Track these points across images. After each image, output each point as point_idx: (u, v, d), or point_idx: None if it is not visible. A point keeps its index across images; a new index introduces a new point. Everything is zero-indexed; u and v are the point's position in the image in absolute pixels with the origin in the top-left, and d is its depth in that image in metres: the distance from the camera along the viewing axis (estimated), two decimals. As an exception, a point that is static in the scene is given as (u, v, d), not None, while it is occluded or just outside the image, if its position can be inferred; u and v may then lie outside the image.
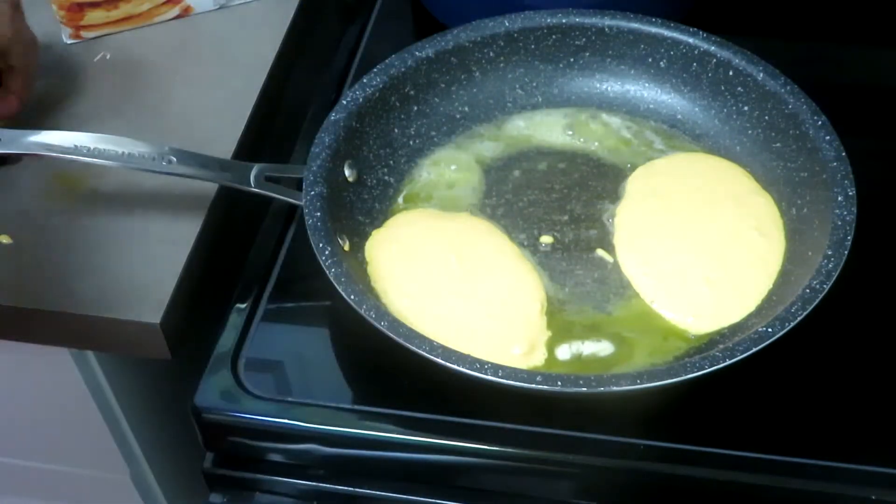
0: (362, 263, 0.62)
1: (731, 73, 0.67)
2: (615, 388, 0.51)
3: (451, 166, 0.68)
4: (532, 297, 0.60)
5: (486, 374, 0.52)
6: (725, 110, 0.68)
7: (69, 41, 0.78)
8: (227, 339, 0.61)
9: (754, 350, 0.52)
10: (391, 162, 0.68)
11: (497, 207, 0.66)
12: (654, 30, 0.69)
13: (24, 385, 0.73)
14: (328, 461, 0.60)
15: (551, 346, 0.58)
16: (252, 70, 0.75)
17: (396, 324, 0.54)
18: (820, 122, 0.63)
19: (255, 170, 0.63)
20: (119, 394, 0.74)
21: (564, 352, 0.58)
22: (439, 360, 0.52)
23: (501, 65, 0.71)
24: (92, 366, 0.71)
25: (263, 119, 0.74)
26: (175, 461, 0.84)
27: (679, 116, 0.70)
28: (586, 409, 0.55)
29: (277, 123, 0.77)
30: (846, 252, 0.56)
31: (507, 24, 0.70)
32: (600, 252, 0.63)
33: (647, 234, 0.64)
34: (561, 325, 0.59)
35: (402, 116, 0.69)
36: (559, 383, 0.52)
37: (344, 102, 0.65)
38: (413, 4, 0.82)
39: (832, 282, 0.55)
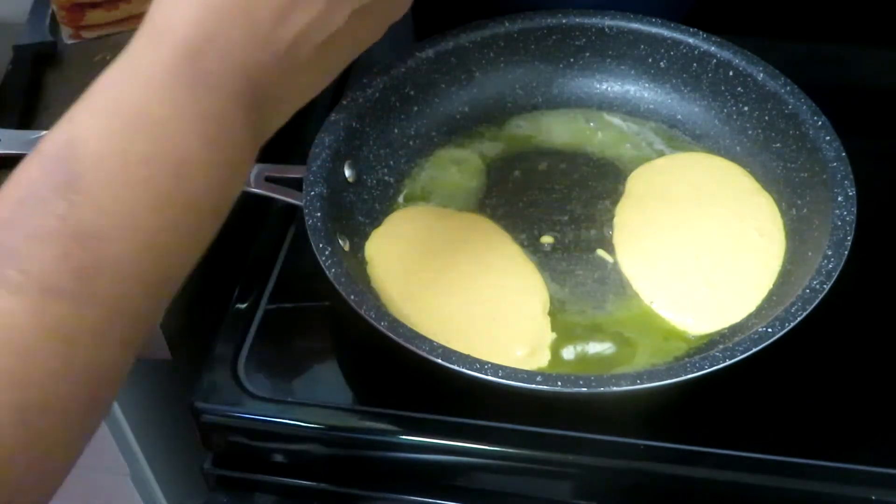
0: (362, 263, 0.62)
1: (731, 73, 0.67)
2: (615, 389, 0.51)
3: (451, 166, 0.68)
4: (535, 298, 0.60)
5: (486, 375, 0.52)
6: (725, 110, 0.68)
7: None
8: (227, 339, 0.61)
9: (754, 350, 0.52)
10: (391, 162, 0.68)
11: (497, 207, 0.66)
12: (654, 30, 0.69)
13: (24, 385, 0.73)
14: (328, 461, 0.60)
15: (555, 347, 0.58)
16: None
17: (396, 324, 0.54)
18: (820, 122, 0.63)
19: (255, 170, 0.62)
20: (119, 394, 0.74)
21: (568, 353, 0.58)
22: (439, 361, 0.52)
23: (501, 65, 0.71)
24: (92, 366, 0.71)
25: (263, 119, 0.74)
26: (175, 461, 0.84)
27: (679, 116, 0.70)
28: (586, 409, 0.55)
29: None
30: (846, 252, 0.56)
31: (507, 24, 0.70)
32: (600, 252, 0.63)
33: (647, 234, 0.64)
34: (562, 326, 0.59)
35: (402, 116, 0.68)
36: (559, 383, 0.52)
37: (344, 103, 0.65)
38: (413, 5, 0.82)
39: (832, 282, 0.55)
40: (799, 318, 0.53)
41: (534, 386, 0.52)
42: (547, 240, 0.64)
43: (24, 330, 0.32)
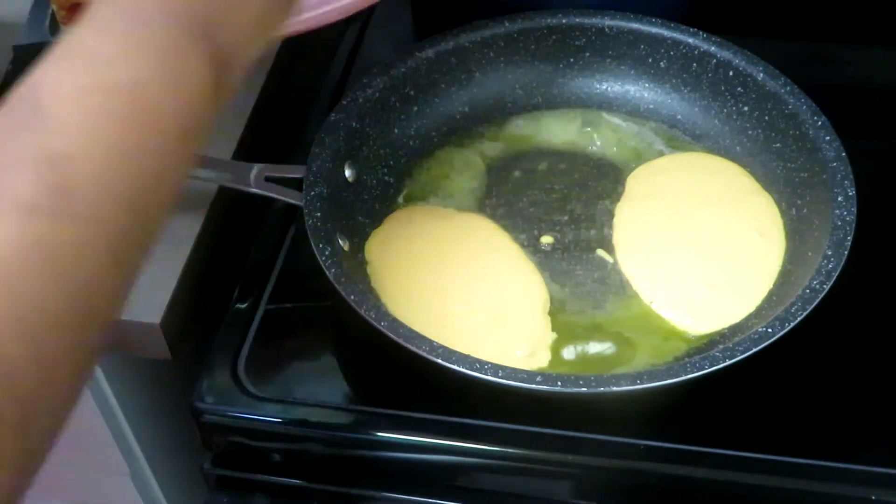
0: (362, 263, 0.62)
1: (731, 73, 0.67)
2: (615, 389, 0.51)
3: (451, 166, 0.68)
4: (535, 298, 0.60)
5: (486, 375, 0.52)
6: (725, 110, 0.68)
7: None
8: (226, 339, 0.61)
9: (754, 350, 0.52)
10: (391, 162, 0.68)
11: (497, 207, 0.66)
12: (654, 30, 0.69)
13: (24, 385, 0.73)
14: (328, 461, 0.60)
15: (555, 347, 0.58)
16: (252, 70, 0.75)
17: (396, 324, 0.54)
18: (820, 122, 0.63)
19: (255, 170, 0.62)
20: (119, 394, 0.74)
21: (568, 353, 0.58)
22: (439, 361, 0.52)
23: (501, 65, 0.71)
24: (92, 366, 0.71)
25: (263, 119, 0.74)
26: (175, 461, 0.84)
27: (679, 116, 0.70)
28: (586, 409, 0.55)
29: (277, 123, 0.77)
30: (846, 252, 0.56)
31: (507, 24, 0.70)
32: (600, 252, 0.63)
33: (646, 234, 0.64)
34: (562, 326, 0.59)
35: (402, 116, 0.69)
36: (559, 383, 0.52)
37: (344, 103, 0.65)
38: (412, 5, 0.83)
39: (832, 282, 0.55)
40: (799, 318, 0.53)
41: (534, 386, 0.52)
42: (547, 240, 0.64)
43: (7, 248, 0.33)
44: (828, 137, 0.62)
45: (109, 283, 0.37)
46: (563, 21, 0.70)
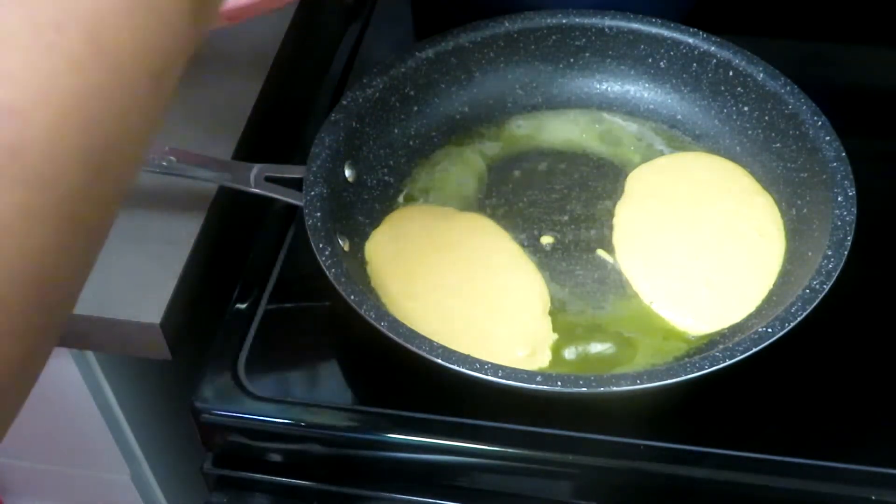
0: (362, 263, 0.62)
1: (731, 73, 0.67)
2: (615, 389, 0.51)
3: (451, 166, 0.68)
4: (535, 298, 0.60)
5: (486, 375, 0.52)
6: (725, 110, 0.68)
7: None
8: (227, 339, 0.61)
9: (754, 350, 0.52)
10: (391, 162, 0.68)
11: (497, 207, 0.66)
12: (654, 30, 0.69)
13: (24, 385, 0.73)
14: (328, 461, 0.60)
15: (556, 348, 0.58)
16: (252, 70, 0.75)
17: (396, 324, 0.54)
18: (820, 123, 0.63)
19: (255, 170, 0.62)
20: (119, 394, 0.74)
21: (569, 353, 0.58)
22: (439, 361, 0.52)
23: (501, 65, 0.71)
24: (92, 366, 0.71)
25: (263, 119, 0.74)
26: (175, 461, 0.84)
27: (679, 116, 0.70)
28: (586, 409, 0.55)
29: (277, 123, 0.77)
30: (846, 252, 0.56)
31: (507, 24, 0.70)
32: (600, 252, 0.63)
33: (646, 234, 0.64)
34: (562, 326, 0.59)
35: (402, 116, 0.69)
36: (559, 383, 0.52)
37: (344, 103, 0.65)
38: (412, 5, 0.83)
39: (832, 282, 0.55)
40: (799, 318, 0.53)
41: (534, 386, 0.52)
42: (547, 240, 0.64)
43: None
44: (828, 137, 0.62)
45: (66, 252, 0.32)
46: (563, 21, 0.70)
